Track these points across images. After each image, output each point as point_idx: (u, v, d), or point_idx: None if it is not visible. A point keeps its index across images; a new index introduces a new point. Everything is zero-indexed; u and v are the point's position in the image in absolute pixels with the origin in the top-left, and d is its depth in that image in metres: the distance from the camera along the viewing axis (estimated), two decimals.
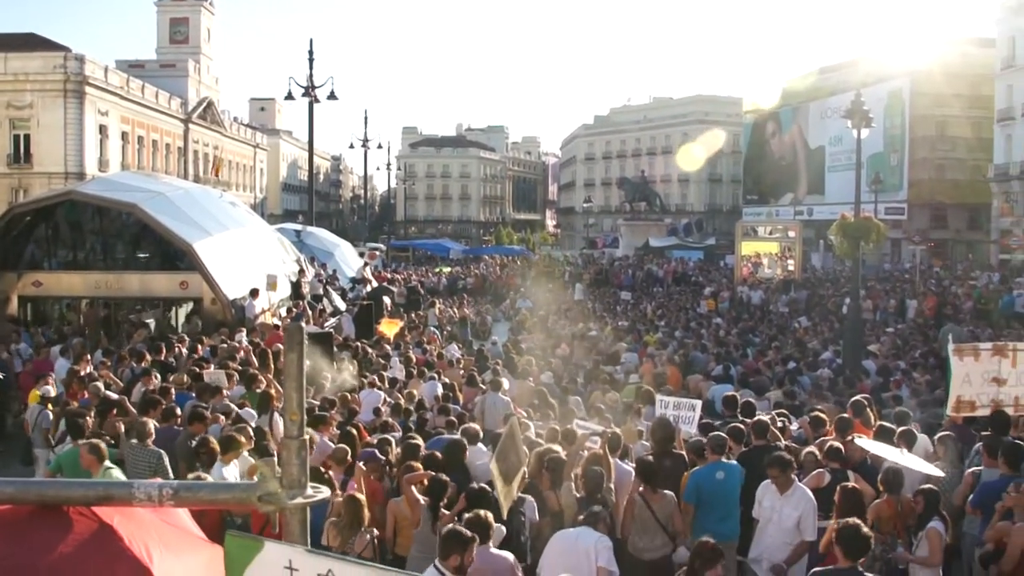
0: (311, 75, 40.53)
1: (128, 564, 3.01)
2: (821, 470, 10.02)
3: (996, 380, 11.69)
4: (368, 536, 8.10)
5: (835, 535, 7.21)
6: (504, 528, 8.39)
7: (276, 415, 12.36)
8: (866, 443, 10.29)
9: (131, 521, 3.13)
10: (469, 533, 6.62)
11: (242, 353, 18.48)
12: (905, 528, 9.72)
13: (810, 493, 9.21)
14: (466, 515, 7.80)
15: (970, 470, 10.48)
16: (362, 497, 8.25)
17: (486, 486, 8.86)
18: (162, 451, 10.51)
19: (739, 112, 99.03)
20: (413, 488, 9.03)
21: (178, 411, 12.08)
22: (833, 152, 76.84)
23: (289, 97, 41.13)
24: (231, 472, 9.58)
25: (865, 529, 7.16)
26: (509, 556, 7.75)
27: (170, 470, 10.19)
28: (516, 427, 9.27)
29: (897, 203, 70.37)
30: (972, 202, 71.43)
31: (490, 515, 7.62)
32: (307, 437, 3.16)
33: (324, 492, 3.20)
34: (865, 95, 28.85)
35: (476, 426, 12.70)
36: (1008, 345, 12.57)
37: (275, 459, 3.27)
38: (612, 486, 9.68)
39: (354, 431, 11.70)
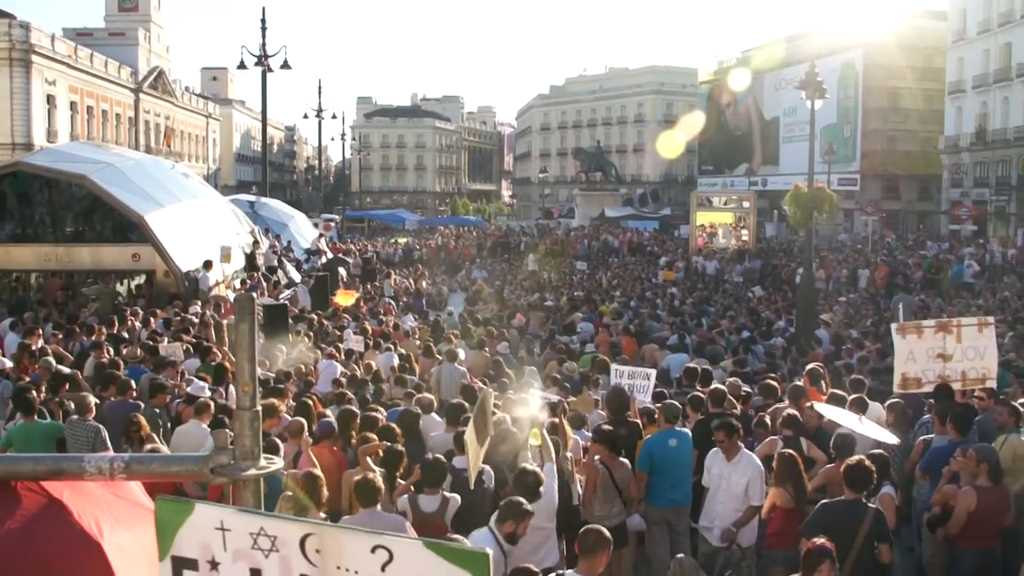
0: (264, 44, 40.00)
1: (78, 539, 2.98)
2: (774, 437, 10.15)
3: (942, 356, 11.84)
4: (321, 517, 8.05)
5: (843, 471, 7.92)
6: (459, 497, 8.42)
7: (231, 387, 12.31)
8: (825, 409, 10.41)
9: (81, 496, 3.09)
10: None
11: (196, 326, 18.36)
12: None
13: (757, 459, 9.32)
14: (355, 478, 7.99)
15: (921, 437, 10.66)
16: (320, 474, 8.21)
17: (441, 456, 8.90)
18: (100, 425, 10.44)
19: (694, 82, 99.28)
20: (368, 459, 9.04)
21: (133, 385, 11.98)
22: (787, 123, 77.32)
23: (242, 66, 40.59)
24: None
25: (868, 463, 7.88)
26: (400, 518, 7.89)
27: (109, 444, 10.10)
28: (488, 398, 9.37)
29: (850, 174, 71.06)
30: (923, 173, 72.38)
31: (378, 479, 7.87)
32: (260, 408, 3.13)
33: (278, 463, 3.17)
34: (819, 67, 29.04)
35: (431, 396, 12.72)
36: (952, 321, 12.74)
37: (227, 431, 3.24)
38: (568, 455, 9.73)
39: (310, 402, 11.67)
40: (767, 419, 10.82)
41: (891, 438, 9.75)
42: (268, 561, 2.81)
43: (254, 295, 3.66)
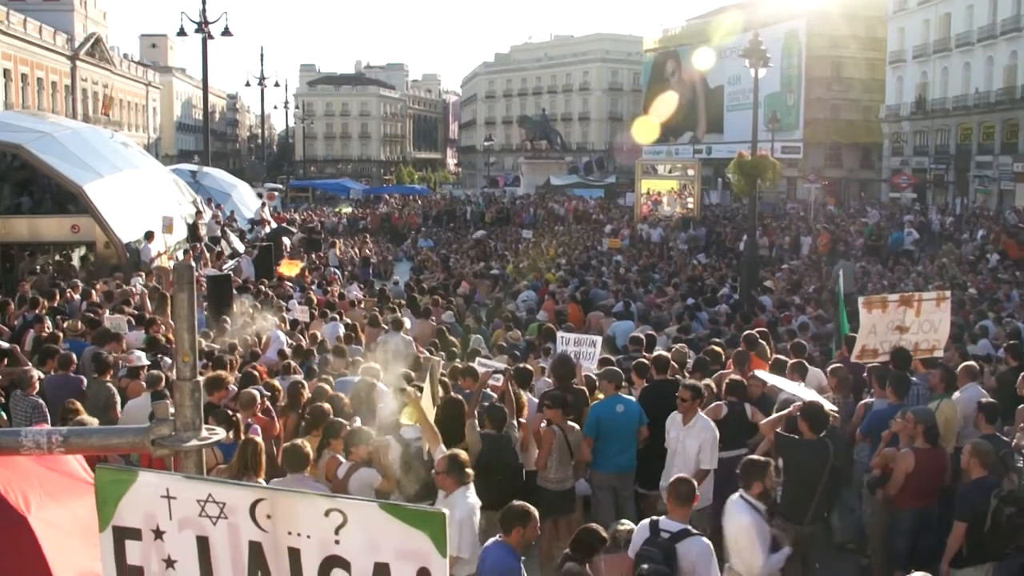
0: (204, 10, 39.29)
1: (3, 513, 2.93)
2: (719, 403, 10.25)
3: (899, 328, 12.02)
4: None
5: (800, 413, 8.48)
6: (377, 472, 8.44)
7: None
8: (768, 377, 10.53)
9: (8, 470, 3.04)
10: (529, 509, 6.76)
11: (137, 297, 18.11)
12: None
13: (712, 424, 9.42)
14: (285, 446, 8.02)
15: (863, 401, 10.84)
16: (260, 441, 8.17)
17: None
18: (40, 400, 10.29)
19: (639, 51, 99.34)
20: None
21: (74, 359, 11.77)
22: (732, 91, 77.67)
23: (181, 33, 39.96)
24: None
25: (829, 406, 8.61)
26: (322, 486, 7.97)
27: (49, 419, 9.95)
28: (436, 367, 9.39)
29: (793, 142, 71.64)
30: (865, 141, 73.22)
31: (307, 446, 7.91)
32: (201, 379, 3.10)
33: (219, 434, 3.14)
34: (763, 35, 29.18)
35: (377, 366, 12.68)
36: (915, 295, 12.95)
37: (167, 402, 3.19)
38: (516, 421, 9.76)
39: (255, 372, 11.59)
40: (712, 385, 10.93)
41: (829, 405, 9.91)
42: (216, 528, 2.78)
43: (192, 264, 3.60)
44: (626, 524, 7.10)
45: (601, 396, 10.59)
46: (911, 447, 8.72)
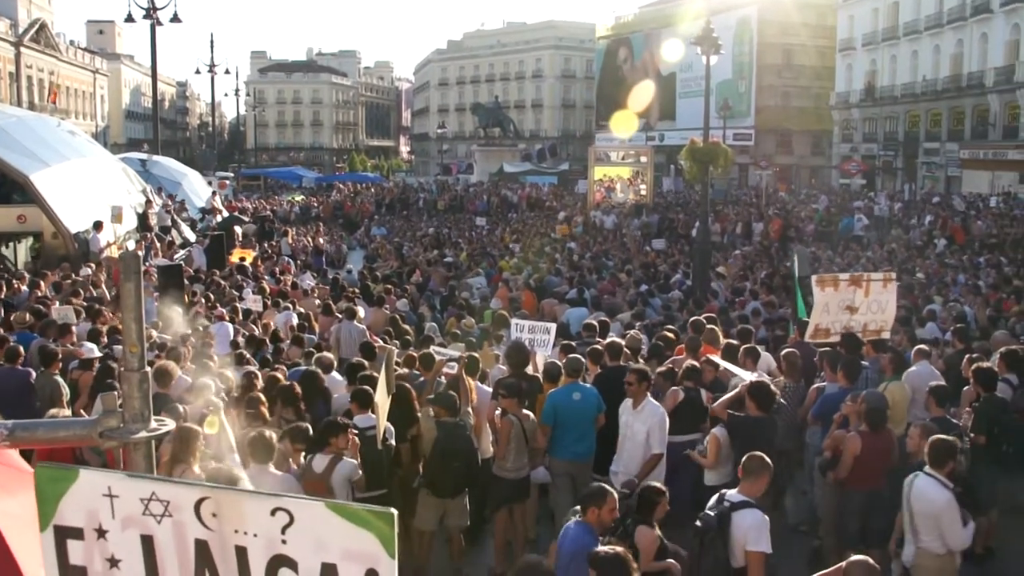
0: None
1: None
2: (675, 388, 10.32)
3: (849, 308, 12.18)
4: (183, 468, 7.85)
5: (748, 391, 8.78)
6: (353, 462, 8.37)
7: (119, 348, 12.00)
8: (720, 363, 10.62)
9: None
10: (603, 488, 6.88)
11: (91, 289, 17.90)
12: None
13: (660, 408, 9.47)
14: (251, 435, 7.88)
15: (815, 385, 10.96)
16: (197, 429, 8.06)
17: (341, 418, 8.86)
18: None
19: (592, 38, 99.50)
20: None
21: (22, 351, 11.57)
22: (684, 79, 78.02)
23: (129, 19, 39.36)
24: None
25: (772, 386, 8.83)
26: (291, 477, 7.92)
27: None
28: (392, 356, 9.36)
29: (745, 129, 72.22)
30: (815, 128, 73.91)
31: (273, 437, 7.83)
32: (148, 370, 3.05)
33: (169, 425, 3.10)
34: (715, 22, 29.35)
35: (331, 355, 12.63)
36: (864, 276, 13.09)
37: (115, 393, 3.15)
38: (471, 409, 9.76)
39: (209, 363, 11.48)
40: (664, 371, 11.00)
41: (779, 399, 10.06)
42: (160, 527, 2.74)
43: (139, 253, 3.55)
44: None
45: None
46: (858, 430, 8.85)
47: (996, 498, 9.69)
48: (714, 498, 7.17)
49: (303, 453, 8.57)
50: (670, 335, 12.89)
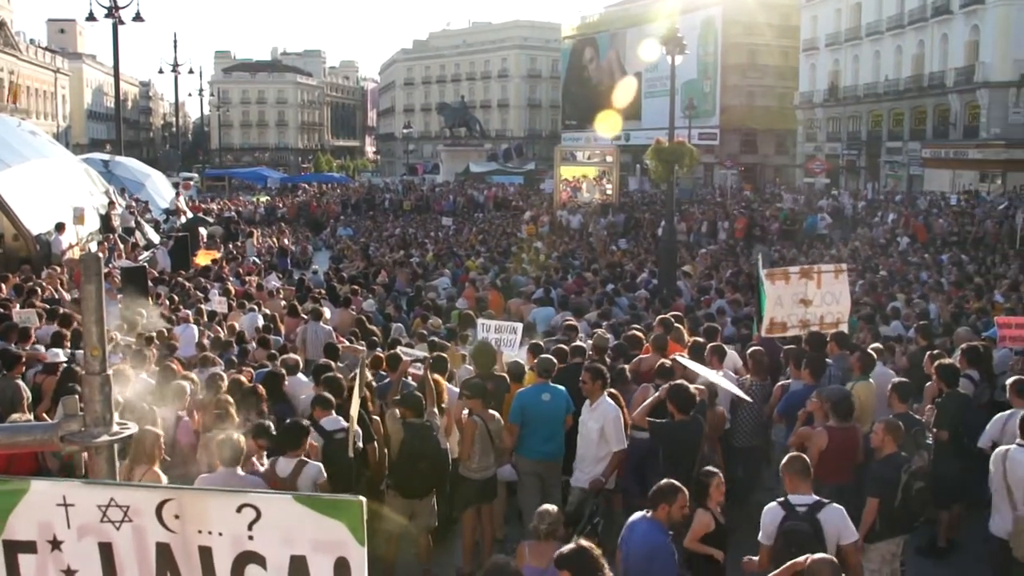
0: None
1: None
2: (646, 385, 10.34)
3: (803, 301, 12.27)
4: (145, 468, 7.77)
5: (667, 396, 8.74)
6: (319, 465, 8.32)
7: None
8: (686, 362, 10.65)
9: None
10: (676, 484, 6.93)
11: (48, 291, 17.68)
12: (718, 439, 10.23)
13: (614, 405, 9.47)
14: (220, 437, 7.83)
15: (780, 382, 11.03)
16: (156, 431, 7.98)
17: (303, 420, 8.81)
18: None
19: (558, 37, 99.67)
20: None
21: None
22: (649, 78, 78.30)
23: (91, 18, 38.96)
24: None
25: (692, 389, 8.84)
26: (259, 480, 7.85)
27: None
28: (365, 360, 9.35)
29: (710, 128, 72.59)
30: (780, 128, 74.41)
31: (242, 439, 7.76)
32: (111, 372, 3.01)
33: (131, 428, 3.06)
34: (680, 22, 29.47)
35: (296, 356, 12.55)
36: (813, 268, 13.20)
37: (76, 397, 3.10)
38: (437, 409, 9.73)
39: (173, 366, 11.37)
40: (627, 369, 11.04)
41: (744, 396, 10.10)
42: (120, 533, 2.70)
43: (100, 255, 3.51)
44: (551, 511, 7.11)
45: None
46: (824, 425, 8.91)
47: (959, 493, 9.79)
48: (775, 509, 7.07)
49: (266, 452, 8.52)
50: (638, 335, 12.90)
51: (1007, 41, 51.15)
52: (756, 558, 7.00)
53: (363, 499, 2.59)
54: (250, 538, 2.65)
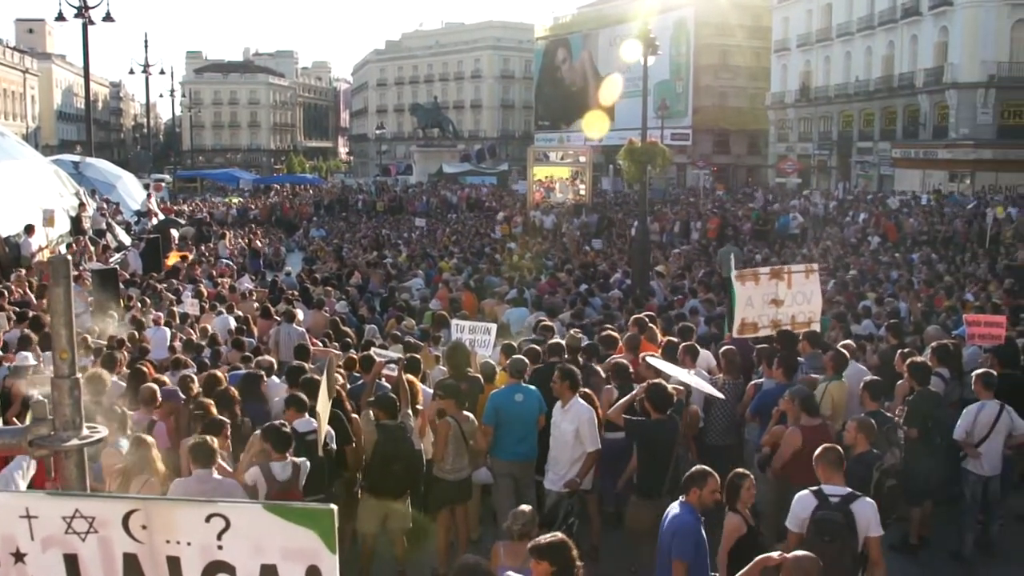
0: None
1: None
2: (609, 387, 10.36)
3: (774, 302, 12.32)
4: (145, 478, 7.72)
5: (645, 393, 8.78)
6: (308, 461, 8.29)
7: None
8: (657, 362, 10.66)
9: None
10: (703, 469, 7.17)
11: (17, 294, 17.53)
12: (692, 437, 10.25)
13: (587, 406, 9.47)
14: (192, 441, 7.79)
15: (752, 381, 11.07)
16: (150, 439, 7.93)
17: (285, 421, 8.75)
18: None
19: (531, 38, 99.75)
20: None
21: None
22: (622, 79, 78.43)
23: (60, 18, 38.56)
24: None
25: (670, 388, 8.87)
26: (233, 482, 7.81)
27: None
28: (333, 361, 9.29)
29: (682, 129, 72.84)
30: (752, 128, 74.82)
31: (214, 441, 7.71)
32: (80, 376, 2.98)
33: (101, 432, 3.03)
34: (652, 24, 29.51)
35: (271, 358, 12.49)
36: (784, 268, 13.27)
37: (45, 400, 3.08)
38: (410, 411, 9.70)
39: (144, 369, 11.29)
40: (600, 370, 11.07)
41: (717, 393, 10.13)
42: (85, 544, 2.67)
43: (69, 257, 3.48)
44: (525, 511, 7.11)
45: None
46: (797, 424, 8.95)
47: (930, 490, 9.86)
48: (808, 498, 7.14)
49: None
50: (613, 335, 12.92)
51: (975, 43, 51.66)
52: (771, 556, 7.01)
53: (334, 507, 2.58)
54: (219, 547, 2.63)
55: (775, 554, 6.00)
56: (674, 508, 7.08)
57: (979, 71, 51.43)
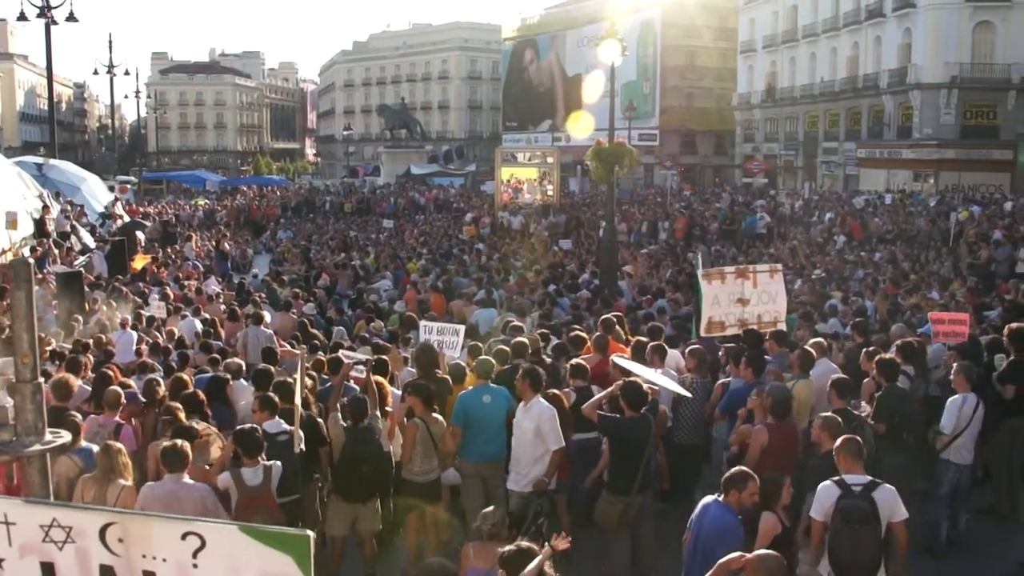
0: None
1: None
2: (567, 389, 10.38)
3: (740, 301, 12.40)
4: (122, 484, 7.65)
5: (620, 391, 8.84)
6: (280, 464, 8.24)
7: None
8: (625, 363, 10.69)
9: None
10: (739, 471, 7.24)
11: None
12: (661, 438, 10.27)
13: (547, 405, 9.47)
14: (163, 445, 7.74)
15: (720, 380, 11.13)
16: (118, 445, 7.86)
17: (256, 424, 8.69)
18: None
19: (498, 39, 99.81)
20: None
21: None
22: (589, 80, 78.60)
23: (22, 17, 38.16)
24: None
25: (646, 387, 8.90)
26: (204, 487, 7.70)
27: None
28: (303, 362, 9.25)
29: (650, 130, 73.14)
30: (719, 129, 75.29)
31: (186, 445, 7.64)
32: (42, 381, 2.95)
33: (64, 437, 3.00)
34: (620, 25, 29.59)
35: (239, 361, 12.43)
36: (749, 268, 13.37)
37: (8, 406, 3.04)
38: (379, 412, 9.67)
39: (109, 373, 11.19)
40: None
41: (685, 392, 10.18)
42: (62, 554, 2.66)
43: (30, 260, 3.44)
44: (494, 512, 7.10)
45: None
46: (764, 423, 9.02)
47: (897, 483, 9.94)
48: (831, 488, 7.24)
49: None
50: (582, 335, 12.94)
51: (938, 44, 52.20)
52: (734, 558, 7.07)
53: (311, 533, 2.57)
54: (195, 566, 2.62)
55: (735, 554, 6.03)
56: (713, 508, 7.15)
57: (942, 72, 51.95)
